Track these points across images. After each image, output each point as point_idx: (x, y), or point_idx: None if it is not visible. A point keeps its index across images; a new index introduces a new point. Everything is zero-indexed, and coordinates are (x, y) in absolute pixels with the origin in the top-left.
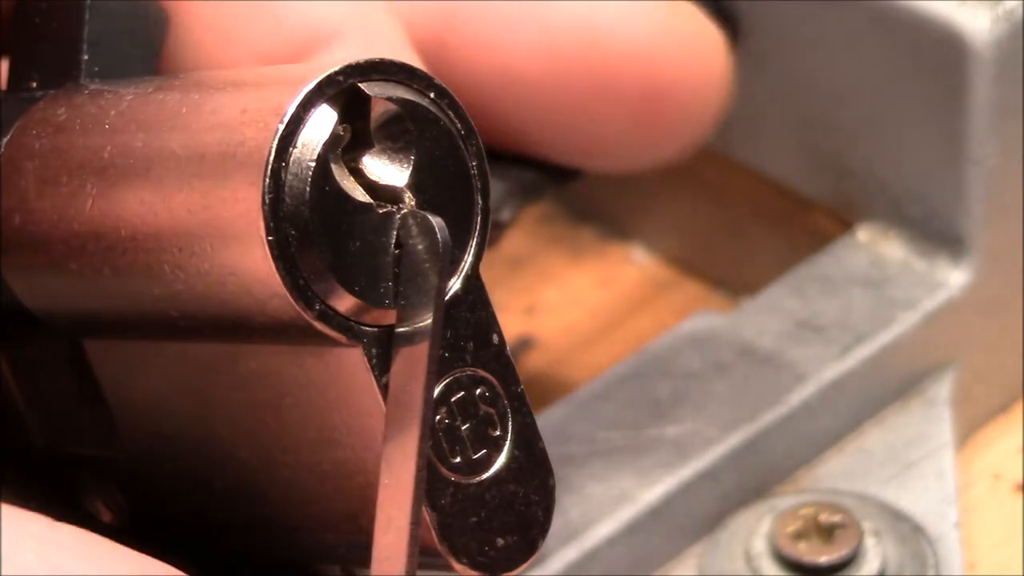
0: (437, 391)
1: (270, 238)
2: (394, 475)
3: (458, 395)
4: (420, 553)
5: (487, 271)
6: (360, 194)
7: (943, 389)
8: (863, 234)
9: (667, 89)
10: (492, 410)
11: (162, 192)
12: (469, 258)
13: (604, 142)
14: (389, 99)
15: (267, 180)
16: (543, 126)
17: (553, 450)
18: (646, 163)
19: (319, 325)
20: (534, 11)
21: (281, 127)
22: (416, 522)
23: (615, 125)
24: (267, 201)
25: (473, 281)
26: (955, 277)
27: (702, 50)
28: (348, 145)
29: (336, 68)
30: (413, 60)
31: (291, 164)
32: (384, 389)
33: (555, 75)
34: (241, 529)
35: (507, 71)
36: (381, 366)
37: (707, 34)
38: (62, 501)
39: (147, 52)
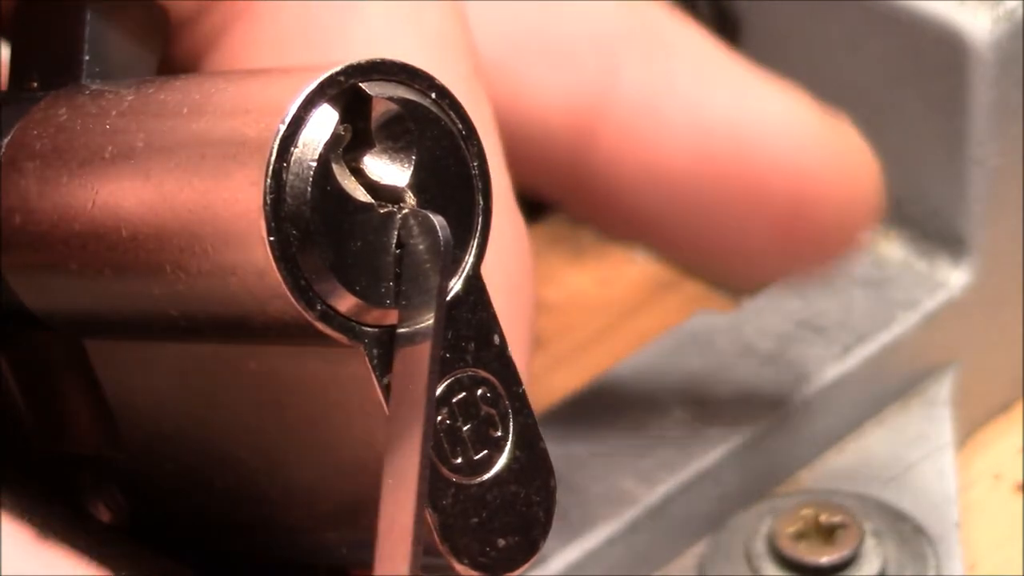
0: (438, 392)
1: (271, 238)
2: (397, 475)
3: (459, 396)
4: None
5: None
6: (361, 194)
7: (943, 389)
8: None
9: (815, 205)
10: (493, 411)
11: (163, 192)
12: (470, 259)
13: (745, 251)
14: (390, 99)
15: (268, 180)
16: (683, 226)
17: (554, 450)
18: (786, 276)
19: (320, 325)
20: (688, 110)
21: (283, 127)
22: (420, 522)
23: (758, 235)
24: (268, 201)
25: (474, 282)
26: (955, 277)
27: (854, 169)
28: (349, 145)
29: (337, 68)
30: (495, 151)
31: (292, 164)
32: (385, 389)
33: (701, 177)
34: (241, 529)
35: (653, 166)
36: (382, 366)
37: (860, 154)
38: (62, 501)
39: (148, 52)
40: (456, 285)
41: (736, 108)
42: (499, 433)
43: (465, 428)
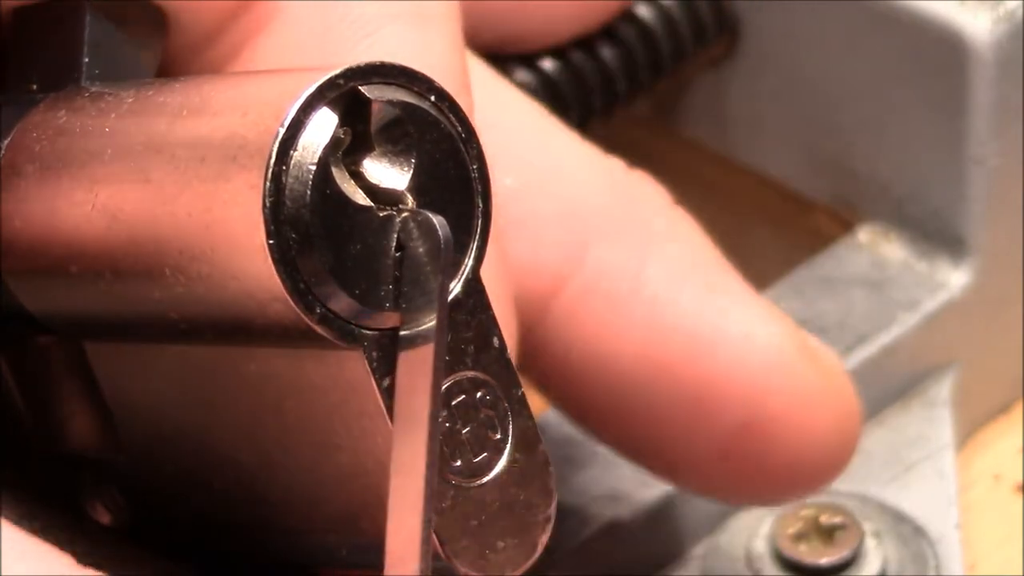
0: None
1: (271, 241)
2: (403, 477)
3: (459, 398)
4: None
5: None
6: (361, 197)
7: (943, 390)
8: (864, 235)
9: (765, 431)
10: (493, 413)
11: (163, 195)
12: (470, 261)
13: (686, 462)
14: (389, 102)
15: (268, 183)
16: (624, 421)
17: (554, 452)
18: (732, 499)
19: (320, 329)
20: (646, 302)
21: (282, 130)
22: (428, 522)
23: (700, 450)
24: (268, 204)
25: (474, 284)
26: (956, 278)
27: (823, 404)
28: (349, 148)
29: (336, 71)
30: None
31: (292, 167)
32: (385, 392)
33: (646, 373)
34: (241, 530)
35: (598, 352)
36: (382, 369)
37: (836, 389)
38: (62, 502)
39: (148, 54)
40: (456, 288)
41: (699, 310)
42: (499, 436)
43: (464, 431)
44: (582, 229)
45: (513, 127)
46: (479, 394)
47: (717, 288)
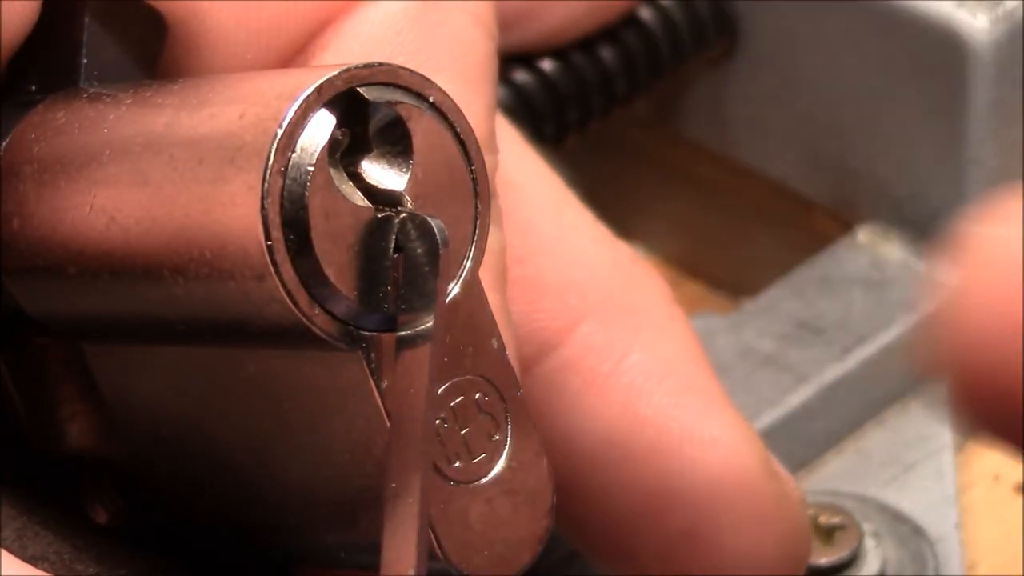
0: (437, 395)
1: (269, 243)
2: (399, 478)
3: (457, 399)
4: None
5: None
6: (359, 198)
7: (943, 390)
8: (863, 235)
9: (716, 542)
10: (492, 414)
11: (160, 196)
12: (468, 263)
13: (635, 555)
14: (388, 103)
15: (266, 185)
16: (579, 501)
17: None
18: None
19: (318, 330)
20: (621, 390)
21: (280, 132)
22: (424, 523)
23: (651, 545)
24: (266, 206)
25: (472, 286)
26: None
27: (774, 526)
28: (347, 149)
29: (335, 72)
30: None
31: (290, 169)
32: (383, 394)
33: (610, 458)
34: (239, 531)
35: (570, 427)
36: (380, 371)
37: (790, 514)
38: (61, 503)
39: (146, 56)
40: (454, 289)
41: (673, 407)
42: (497, 436)
43: (463, 431)
44: (578, 304)
45: (531, 192)
46: (478, 395)
47: (695, 390)
